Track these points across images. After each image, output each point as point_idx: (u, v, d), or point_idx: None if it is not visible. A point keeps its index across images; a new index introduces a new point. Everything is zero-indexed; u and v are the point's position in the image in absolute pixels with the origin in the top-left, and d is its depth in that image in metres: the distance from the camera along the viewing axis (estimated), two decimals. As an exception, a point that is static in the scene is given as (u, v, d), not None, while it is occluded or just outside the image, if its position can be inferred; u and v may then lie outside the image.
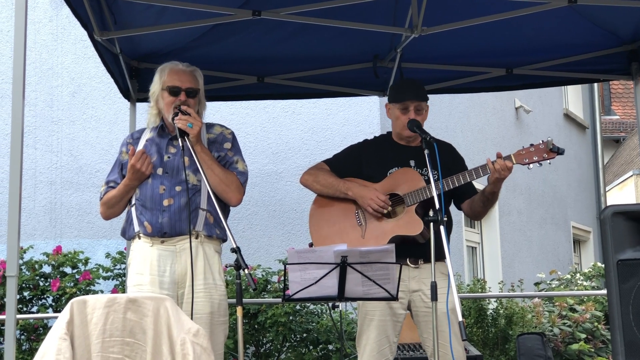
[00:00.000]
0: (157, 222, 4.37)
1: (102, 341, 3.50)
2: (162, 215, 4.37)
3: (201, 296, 4.32)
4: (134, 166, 4.38)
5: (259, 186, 8.52)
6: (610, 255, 3.94)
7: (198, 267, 4.34)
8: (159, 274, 4.35)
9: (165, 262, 4.37)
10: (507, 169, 4.46)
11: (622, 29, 5.88)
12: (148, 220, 4.39)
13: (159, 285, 4.32)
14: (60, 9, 8.83)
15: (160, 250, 4.39)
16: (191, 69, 4.60)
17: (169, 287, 4.32)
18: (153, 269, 4.36)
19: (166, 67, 4.59)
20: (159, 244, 4.39)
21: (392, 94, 4.88)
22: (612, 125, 23.95)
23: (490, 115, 12.11)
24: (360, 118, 8.79)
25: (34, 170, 8.72)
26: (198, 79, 4.59)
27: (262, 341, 7.47)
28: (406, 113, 4.75)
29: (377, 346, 4.60)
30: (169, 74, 4.54)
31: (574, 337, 8.54)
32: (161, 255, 4.38)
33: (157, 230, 4.38)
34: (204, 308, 4.32)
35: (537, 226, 13.58)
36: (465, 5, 5.42)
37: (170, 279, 4.35)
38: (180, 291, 4.34)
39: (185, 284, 4.33)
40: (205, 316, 4.29)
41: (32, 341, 7.22)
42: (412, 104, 4.74)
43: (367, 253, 4.05)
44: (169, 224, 4.36)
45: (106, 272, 7.52)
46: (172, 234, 4.36)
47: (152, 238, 4.39)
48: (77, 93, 8.95)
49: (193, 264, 4.26)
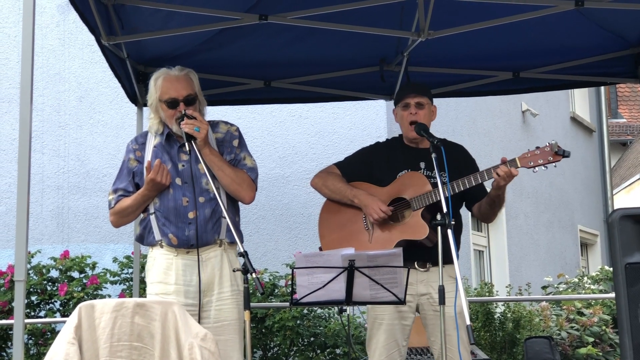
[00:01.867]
0: (184, 235, 4.36)
1: (110, 345, 3.50)
2: (189, 228, 4.35)
3: (229, 302, 4.34)
4: (153, 180, 4.34)
5: (266, 190, 8.52)
6: (618, 259, 3.92)
7: (224, 275, 4.36)
8: (185, 284, 4.34)
9: (191, 272, 4.35)
10: (511, 176, 4.45)
11: (629, 32, 5.87)
12: (174, 233, 4.37)
13: (184, 295, 4.32)
14: (67, 14, 8.84)
15: (186, 260, 4.37)
16: (184, 72, 4.53)
17: (194, 296, 4.32)
18: (179, 279, 4.35)
19: (159, 76, 4.51)
20: (185, 254, 4.38)
21: (395, 98, 4.93)
22: (619, 129, 23.92)
23: (497, 118, 12.09)
24: (367, 122, 8.78)
25: (42, 175, 8.73)
26: (193, 82, 4.53)
27: (270, 345, 7.46)
28: (407, 109, 4.76)
29: (386, 350, 4.60)
30: (163, 84, 4.47)
31: (582, 340, 8.52)
32: (187, 265, 4.36)
33: (184, 243, 4.36)
34: (233, 314, 4.34)
35: (544, 229, 13.55)
36: (471, 8, 5.41)
37: (196, 289, 4.34)
38: (206, 299, 4.35)
39: (212, 292, 4.34)
40: (234, 322, 4.33)
41: (39, 346, 7.23)
42: (412, 100, 4.76)
43: (374, 257, 4.05)
44: (196, 236, 4.34)
45: (113, 277, 7.52)
46: (199, 245, 4.35)
47: (177, 249, 4.39)
48: (84, 98, 8.96)
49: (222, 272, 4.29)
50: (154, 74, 4.59)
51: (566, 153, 4.45)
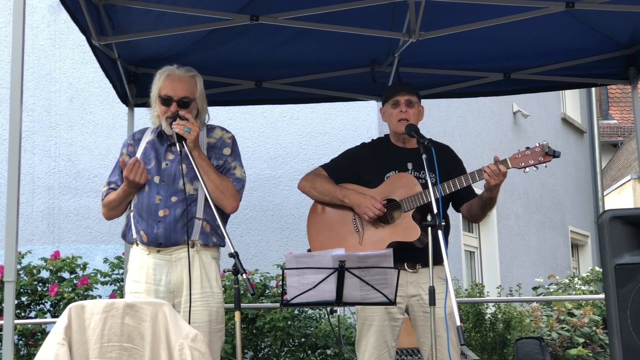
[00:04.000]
0: (153, 233, 4.36)
1: (100, 346, 3.49)
2: (158, 226, 4.35)
3: (198, 305, 4.30)
4: (127, 177, 4.37)
5: (257, 191, 8.52)
6: (608, 260, 3.94)
7: (194, 277, 4.31)
8: (155, 283, 4.35)
9: (161, 272, 4.36)
10: (500, 174, 4.43)
11: (620, 34, 5.90)
12: (144, 230, 4.38)
13: (155, 294, 4.31)
14: (58, 14, 8.83)
15: (157, 259, 4.37)
16: (190, 74, 4.51)
17: (164, 296, 4.31)
18: (149, 278, 4.36)
19: (164, 72, 4.52)
20: (155, 252, 4.38)
21: (384, 97, 4.91)
22: (609, 130, 23.98)
23: (488, 119, 12.11)
24: (358, 123, 8.79)
25: (32, 176, 8.71)
26: (196, 86, 4.51)
27: (261, 346, 7.46)
28: (397, 107, 4.75)
29: (376, 351, 4.60)
30: (164, 81, 4.47)
31: (572, 341, 8.53)
32: (157, 264, 4.37)
33: (153, 240, 4.36)
34: (202, 317, 4.31)
35: (535, 230, 13.57)
36: (462, 10, 5.42)
37: (166, 288, 4.34)
38: (176, 300, 4.33)
39: (181, 293, 4.32)
40: (203, 325, 4.28)
41: (30, 346, 7.21)
42: (402, 97, 4.75)
43: (364, 258, 4.05)
44: (164, 234, 4.34)
45: (104, 277, 7.51)
46: (167, 244, 4.35)
47: (148, 247, 4.39)
48: (75, 98, 8.95)
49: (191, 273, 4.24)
50: (162, 68, 4.58)
51: (556, 153, 4.45)
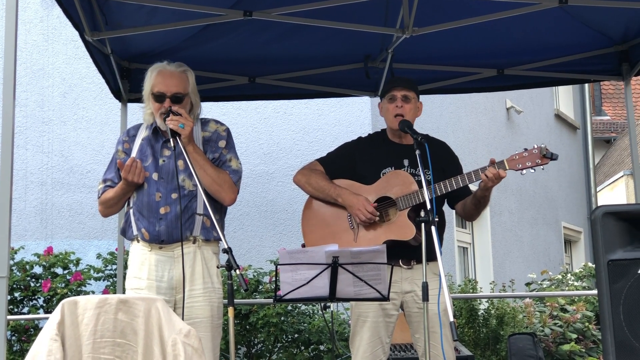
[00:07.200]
0: (155, 230, 4.36)
1: (93, 342, 3.49)
2: (159, 224, 4.36)
3: (200, 300, 4.32)
4: (125, 178, 4.37)
5: (251, 187, 8.52)
6: (601, 256, 3.95)
7: (197, 272, 4.34)
8: (157, 279, 4.35)
9: (163, 268, 4.36)
10: (499, 178, 4.45)
11: (613, 30, 5.90)
12: (145, 227, 4.38)
13: (156, 291, 4.32)
14: (51, 9, 8.81)
15: (159, 255, 4.38)
16: (181, 70, 4.50)
17: (166, 292, 4.32)
18: (151, 274, 4.36)
19: (155, 68, 4.51)
20: (157, 249, 4.39)
21: (382, 91, 4.91)
22: (602, 126, 23.99)
23: (482, 115, 12.12)
24: (351, 118, 8.79)
25: (25, 171, 8.70)
26: (188, 81, 4.50)
27: (254, 342, 7.46)
28: (393, 102, 4.74)
29: (370, 347, 4.60)
30: (156, 77, 4.47)
31: (565, 337, 8.55)
32: (159, 261, 4.37)
33: (155, 238, 4.37)
34: (204, 312, 4.32)
35: (528, 226, 13.60)
36: (456, 5, 5.42)
37: (168, 285, 4.34)
38: (178, 296, 4.33)
39: (183, 289, 4.33)
40: (205, 320, 4.30)
41: (23, 342, 7.20)
42: (399, 93, 4.74)
43: (358, 254, 4.04)
44: (166, 232, 4.35)
45: (97, 273, 7.50)
46: (169, 241, 4.35)
47: (150, 244, 4.39)
48: (68, 93, 8.93)
49: (184, 269, 4.25)
50: (152, 65, 4.58)
51: (554, 156, 4.44)
